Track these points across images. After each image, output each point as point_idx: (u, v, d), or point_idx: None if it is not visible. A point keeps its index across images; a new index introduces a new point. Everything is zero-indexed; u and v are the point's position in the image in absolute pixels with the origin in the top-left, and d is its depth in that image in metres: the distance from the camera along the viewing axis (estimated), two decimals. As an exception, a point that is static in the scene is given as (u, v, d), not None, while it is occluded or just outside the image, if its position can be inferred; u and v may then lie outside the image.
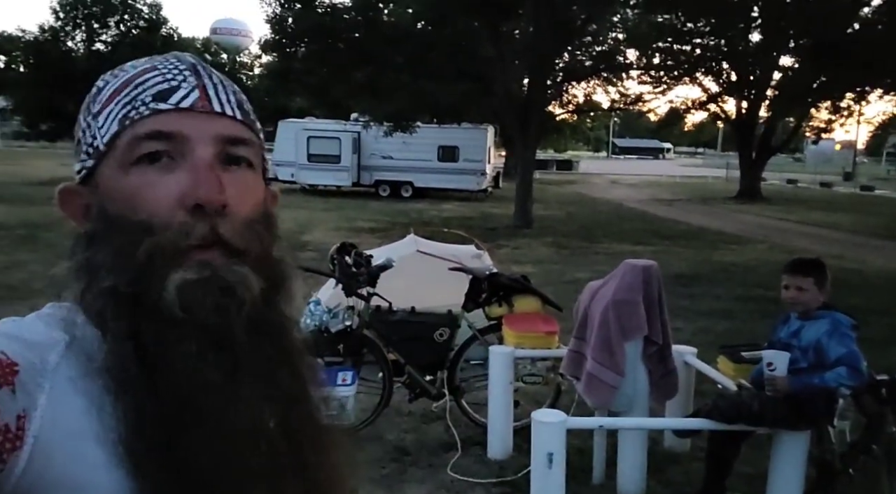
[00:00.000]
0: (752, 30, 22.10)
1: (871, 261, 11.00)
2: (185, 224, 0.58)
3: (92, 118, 0.63)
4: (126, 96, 0.62)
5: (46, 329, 0.58)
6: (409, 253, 4.92)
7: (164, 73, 0.63)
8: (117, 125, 0.61)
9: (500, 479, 3.53)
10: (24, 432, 0.52)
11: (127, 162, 0.61)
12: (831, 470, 3.01)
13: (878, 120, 31.22)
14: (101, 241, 0.60)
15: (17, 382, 0.53)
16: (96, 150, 0.62)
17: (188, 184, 0.59)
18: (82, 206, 0.64)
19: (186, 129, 0.61)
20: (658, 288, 3.27)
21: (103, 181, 0.62)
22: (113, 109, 0.62)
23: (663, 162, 72.42)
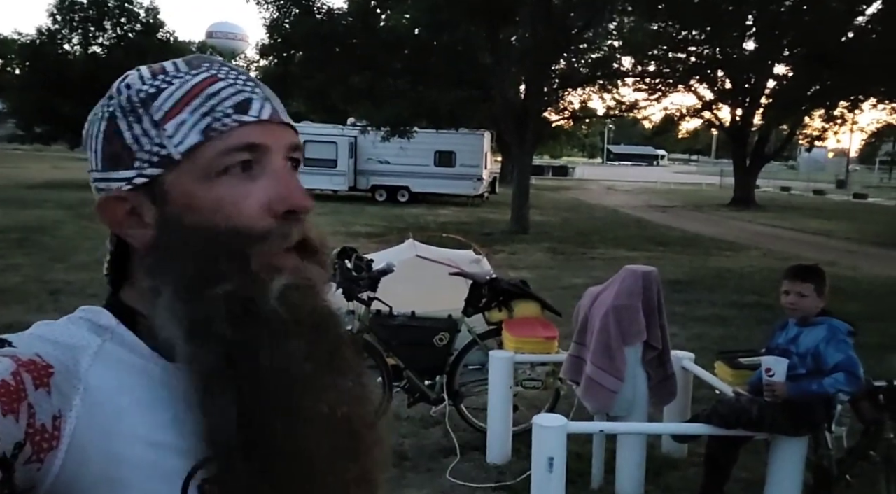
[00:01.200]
0: (747, 38, 22.24)
1: (865, 268, 11.07)
2: (281, 229, 0.62)
3: (152, 126, 0.62)
4: (203, 107, 0.62)
5: (79, 331, 0.60)
6: (409, 257, 4.94)
7: (231, 83, 0.64)
8: (199, 136, 0.61)
9: (499, 484, 3.53)
10: (60, 432, 0.53)
11: (213, 172, 0.61)
12: (829, 476, 3.03)
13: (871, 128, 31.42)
14: (181, 250, 0.61)
15: (53, 384, 0.54)
16: (166, 159, 0.61)
17: (277, 192, 0.62)
18: (126, 213, 0.63)
19: (268, 141, 0.64)
20: (657, 293, 3.30)
21: (177, 190, 0.62)
22: (187, 119, 0.61)
23: (658, 168, 72.71)
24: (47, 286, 7.55)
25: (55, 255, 9.31)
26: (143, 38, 29.11)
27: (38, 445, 0.52)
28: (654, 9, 15.96)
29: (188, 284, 0.60)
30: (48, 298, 7.02)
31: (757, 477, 3.27)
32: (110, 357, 0.59)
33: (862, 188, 37.45)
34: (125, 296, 0.66)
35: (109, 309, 0.64)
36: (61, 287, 7.48)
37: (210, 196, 0.61)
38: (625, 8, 15.98)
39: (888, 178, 53.07)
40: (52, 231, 11.73)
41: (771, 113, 23.81)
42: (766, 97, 24.33)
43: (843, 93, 20.58)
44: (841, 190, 38.32)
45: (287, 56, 16.77)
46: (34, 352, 0.55)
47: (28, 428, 0.51)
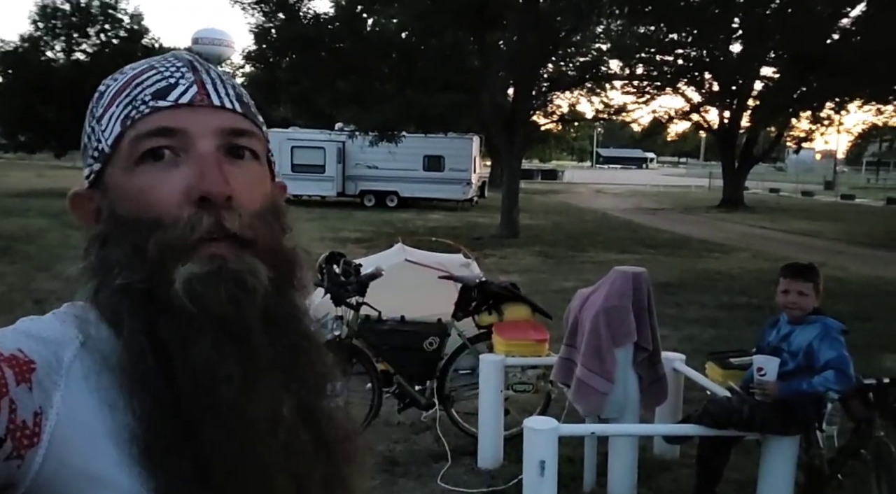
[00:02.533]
0: (734, 41, 22.43)
1: (853, 269, 11.14)
2: (192, 217, 0.58)
3: (96, 122, 0.64)
4: (126, 97, 0.62)
5: (62, 327, 0.59)
6: (398, 262, 4.91)
7: (161, 71, 0.64)
8: (119, 126, 0.62)
9: (490, 488, 3.51)
10: (41, 429, 0.53)
11: (131, 161, 0.61)
12: (820, 475, 3.02)
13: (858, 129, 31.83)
14: (112, 241, 0.61)
15: (34, 380, 0.53)
16: (102, 153, 0.63)
17: (193, 178, 0.60)
18: (93, 210, 0.65)
19: (187, 124, 0.61)
20: (647, 294, 3.29)
21: (111, 183, 0.63)
22: (115, 111, 0.63)
23: (647, 171, 73.10)
24: (32, 295, 7.46)
25: (39, 264, 9.21)
26: (128, 45, 28.97)
27: (18, 441, 0.51)
28: (641, 11, 16.05)
29: (103, 277, 0.60)
30: (33, 307, 6.94)
31: (749, 478, 3.26)
32: (93, 353, 0.58)
33: (849, 189, 37.78)
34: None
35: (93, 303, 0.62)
36: (46, 296, 7.38)
37: (130, 185, 0.61)
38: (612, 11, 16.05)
39: (875, 179, 53.60)
40: (36, 239, 11.62)
41: (758, 115, 24.03)
42: (753, 99, 24.54)
43: (829, 95, 20.80)
44: (829, 191, 38.65)
45: (273, 61, 16.72)
46: (16, 348, 0.54)
47: (9, 424, 0.51)
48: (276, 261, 0.62)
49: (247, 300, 0.58)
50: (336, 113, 19.71)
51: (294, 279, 0.65)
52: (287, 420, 0.60)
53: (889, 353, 6.12)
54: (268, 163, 0.69)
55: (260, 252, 0.61)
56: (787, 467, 2.95)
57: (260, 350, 0.59)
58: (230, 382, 0.57)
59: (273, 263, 0.62)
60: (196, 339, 0.57)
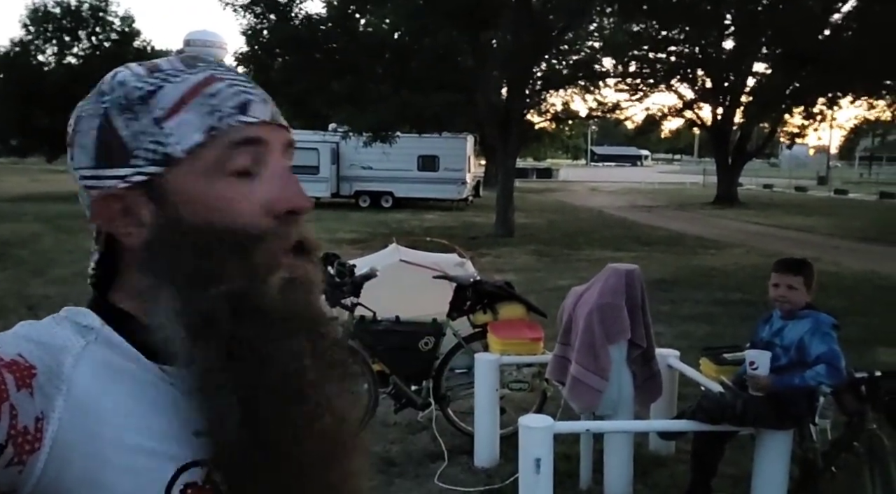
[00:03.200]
0: (726, 37, 22.52)
1: (847, 264, 11.20)
2: (281, 229, 0.63)
3: (152, 123, 0.61)
4: (203, 106, 0.62)
5: (62, 332, 0.59)
6: (393, 262, 4.91)
7: (231, 83, 0.64)
8: (202, 135, 0.61)
9: (487, 487, 3.52)
10: (43, 434, 0.53)
11: (215, 171, 0.61)
12: (814, 468, 3.04)
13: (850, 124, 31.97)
14: (182, 248, 0.60)
15: (35, 385, 0.53)
16: (167, 157, 0.61)
17: (278, 192, 0.63)
18: (119, 211, 0.62)
19: (270, 139, 0.64)
20: (641, 291, 3.30)
21: (177, 188, 0.61)
22: (190, 118, 0.61)
23: (641, 169, 73.23)
24: (26, 300, 7.44)
25: (33, 269, 9.18)
26: (119, 48, 28.87)
27: (20, 447, 0.51)
28: (633, 9, 16.10)
29: (190, 282, 0.60)
30: (27, 313, 6.91)
31: (744, 472, 3.28)
32: (95, 358, 0.58)
33: (842, 184, 37.95)
34: (113, 298, 0.65)
35: (95, 309, 0.63)
36: (40, 301, 7.37)
37: (212, 194, 0.61)
38: (603, 9, 16.10)
39: (868, 174, 53.82)
40: (29, 244, 11.58)
41: (751, 111, 24.12)
42: (746, 95, 24.62)
43: (822, 91, 20.90)
44: (822, 186, 38.80)
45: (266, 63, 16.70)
46: (17, 353, 0.54)
47: (10, 430, 0.50)
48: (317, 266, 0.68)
49: (318, 304, 0.66)
50: (330, 114, 19.69)
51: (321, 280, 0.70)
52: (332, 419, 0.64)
53: (883, 347, 6.15)
54: None
55: (315, 260, 0.67)
56: (781, 461, 2.97)
57: (337, 354, 0.65)
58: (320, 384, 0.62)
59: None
60: (288, 340, 0.61)
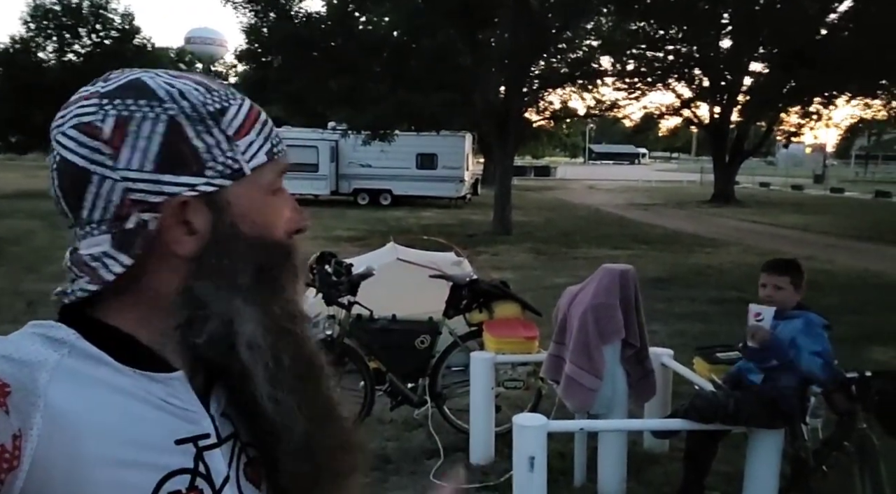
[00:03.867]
0: (723, 36, 22.51)
1: (841, 262, 11.24)
2: (296, 246, 0.71)
3: (226, 140, 0.65)
4: (263, 131, 0.69)
5: (33, 347, 0.58)
6: (390, 261, 4.94)
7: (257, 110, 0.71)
8: (265, 157, 0.68)
9: (483, 484, 3.54)
10: (21, 452, 0.52)
11: (270, 190, 0.68)
12: (805, 467, 3.07)
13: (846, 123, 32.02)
14: (241, 259, 0.65)
15: (10, 403, 0.53)
16: (238, 172, 0.65)
17: (292, 213, 0.71)
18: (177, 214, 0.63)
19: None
20: (634, 291, 3.33)
21: (240, 202, 0.66)
22: (256, 140, 0.67)
23: (639, 167, 73.29)
24: (22, 297, 7.43)
25: (29, 266, 9.18)
26: (120, 45, 28.78)
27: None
28: (630, 8, 16.10)
29: (261, 291, 0.66)
30: (23, 309, 6.92)
31: (736, 470, 3.31)
32: (70, 372, 0.57)
33: (838, 182, 38.00)
34: (98, 312, 0.64)
35: (69, 323, 0.61)
36: (36, 297, 7.35)
37: (266, 211, 0.68)
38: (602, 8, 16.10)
39: (864, 172, 53.90)
40: (25, 241, 11.58)
41: (748, 110, 24.14)
42: (743, 94, 24.64)
43: (818, 90, 20.91)
44: (818, 184, 38.87)
45: (266, 61, 16.69)
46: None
47: None
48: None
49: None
50: (329, 112, 19.69)
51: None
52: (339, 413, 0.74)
53: (877, 346, 6.20)
54: None
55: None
56: (773, 459, 3.01)
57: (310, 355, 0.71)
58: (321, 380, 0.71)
59: None
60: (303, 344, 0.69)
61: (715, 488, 3.33)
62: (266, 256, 0.66)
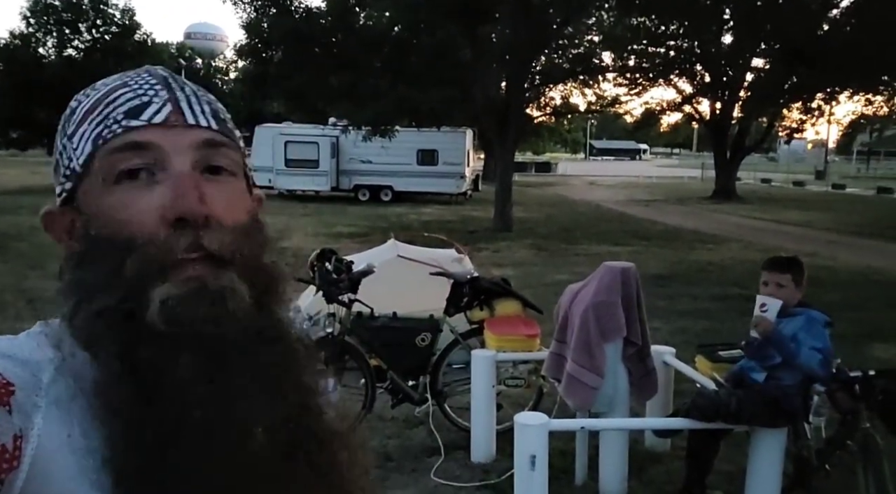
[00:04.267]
0: (725, 32, 22.45)
1: (843, 258, 11.22)
2: (168, 238, 0.58)
3: (67, 140, 0.63)
4: (98, 115, 0.62)
5: (38, 347, 0.58)
6: (390, 258, 4.93)
7: (134, 88, 0.63)
8: (91, 145, 0.61)
9: (483, 483, 3.54)
10: (22, 452, 0.52)
11: (106, 181, 0.60)
12: (808, 466, 3.06)
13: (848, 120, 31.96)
14: (87, 262, 0.60)
15: (14, 402, 0.53)
16: (73, 172, 0.62)
17: (169, 198, 0.58)
18: (66, 227, 0.64)
19: (162, 142, 0.60)
20: (636, 289, 3.31)
21: (84, 202, 0.62)
22: (86, 130, 0.62)
23: (640, 163, 73.20)
24: (25, 294, 7.44)
25: (32, 263, 9.17)
26: (120, 41, 28.76)
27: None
28: (632, 3, 16.06)
29: (78, 298, 0.59)
30: (26, 306, 6.92)
31: (738, 469, 3.30)
32: (67, 375, 0.57)
33: (840, 178, 37.91)
34: None
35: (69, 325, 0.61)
36: (39, 294, 7.37)
37: (105, 205, 0.60)
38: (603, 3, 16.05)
39: (865, 169, 53.82)
40: (28, 237, 11.55)
41: (749, 106, 24.08)
42: (744, 90, 24.56)
43: (820, 86, 20.85)
44: (820, 181, 38.78)
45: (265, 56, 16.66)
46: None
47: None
48: (256, 278, 0.61)
49: (227, 320, 0.57)
50: (329, 108, 19.67)
51: (276, 294, 0.64)
52: (271, 441, 0.59)
53: (879, 343, 6.18)
54: (245, 177, 0.68)
55: (240, 270, 0.60)
56: (776, 458, 2.99)
57: (239, 370, 0.58)
58: (203, 405, 0.55)
59: (254, 280, 0.61)
60: (173, 361, 0.55)
61: (717, 487, 3.33)
62: (107, 259, 0.58)
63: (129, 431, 0.54)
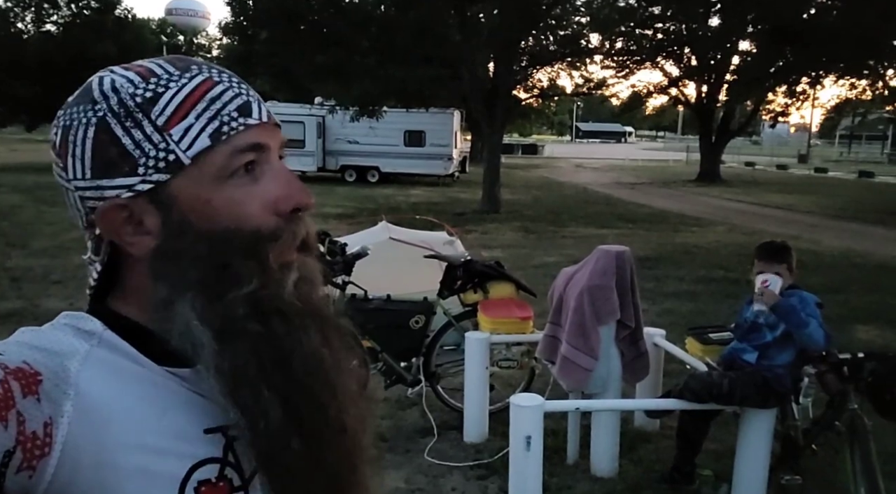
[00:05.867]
0: (712, 14, 22.44)
1: (826, 242, 11.37)
2: (290, 228, 0.65)
3: (156, 131, 0.60)
4: (208, 111, 0.61)
5: (65, 337, 0.59)
6: (383, 240, 4.91)
7: (228, 86, 0.64)
8: (208, 140, 0.61)
9: (476, 462, 3.58)
10: (53, 439, 0.53)
11: (223, 175, 0.62)
12: (796, 446, 3.13)
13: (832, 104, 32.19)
14: (197, 255, 0.61)
15: (41, 391, 0.54)
16: (174, 164, 0.60)
17: (283, 191, 0.64)
18: (124, 220, 0.62)
19: (269, 141, 0.66)
20: (630, 273, 3.35)
21: (186, 194, 0.61)
22: (194, 123, 0.61)
23: (625, 145, 73.40)
24: (8, 273, 7.35)
25: (14, 241, 9.06)
26: (100, 16, 28.12)
27: (29, 452, 0.52)
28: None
29: (209, 287, 0.61)
30: (9, 285, 6.83)
31: (727, 448, 3.37)
32: (99, 362, 0.58)
33: (822, 162, 38.35)
34: (114, 304, 0.65)
35: (95, 315, 0.62)
36: (22, 273, 7.29)
37: (221, 199, 0.62)
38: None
39: (847, 152, 54.35)
40: (9, 216, 11.40)
41: (735, 89, 24.14)
42: (730, 74, 24.65)
43: (805, 69, 20.94)
44: (803, 164, 39.18)
45: (251, 34, 16.40)
46: (22, 360, 0.54)
47: (18, 436, 0.51)
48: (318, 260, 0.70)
49: (323, 298, 0.68)
50: (315, 87, 19.44)
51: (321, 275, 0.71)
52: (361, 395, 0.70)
53: (861, 325, 6.30)
54: None
55: (315, 254, 0.69)
56: (764, 438, 3.06)
57: (342, 338, 0.68)
58: (336, 368, 0.66)
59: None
60: (306, 334, 0.63)
61: (706, 466, 3.39)
62: (226, 249, 0.61)
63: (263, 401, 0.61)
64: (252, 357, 0.60)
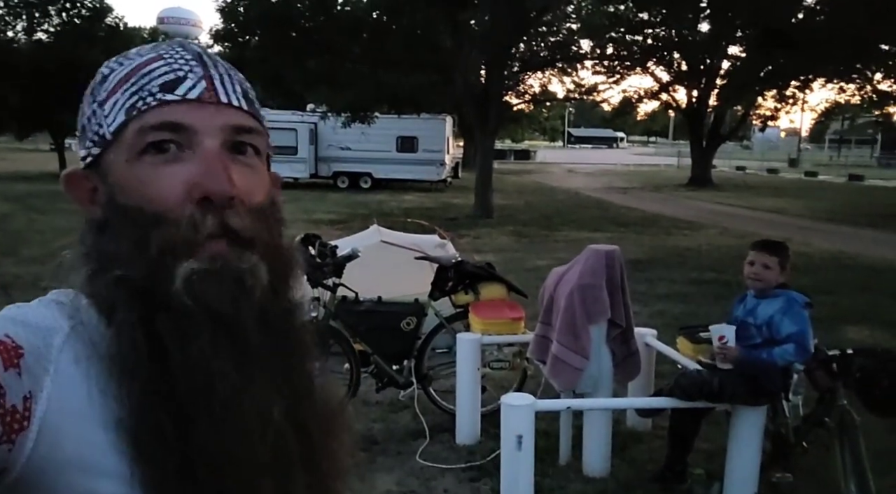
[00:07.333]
0: (701, 20, 22.61)
1: (817, 244, 11.43)
2: (194, 216, 0.59)
3: (98, 106, 0.64)
4: (133, 86, 0.62)
5: (50, 313, 0.59)
6: (374, 242, 4.91)
7: (170, 62, 0.63)
8: (124, 115, 0.61)
9: (469, 464, 3.57)
10: (31, 413, 0.53)
11: (134, 152, 0.61)
12: (786, 443, 3.14)
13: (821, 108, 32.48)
14: (111, 230, 0.61)
15: (23, 365, 0.54)
16: (102, 138, 0.63)
17: (196, 176, 0.60)
18: (89, 190, 0.65)
19: (194, 121, 0.61)
20: (620, 272, 3.35)
21: (111, 169, 0.63)
22: (119, 98, 0.62)
23: (617, 151, 73.67)
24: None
25: (4, 249, 9.00)
26: (91, 25, 28.04)
27: (8, 426, 0.51)
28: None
29: (99, 266, 0.60)
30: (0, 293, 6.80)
31: (718, 447, 3.37)
32: (82, 339, 0.58)
33: (813, 166, 38.55)
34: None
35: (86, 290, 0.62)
36: (11, 281, 7.25)
37: (130, 176, 0.61)
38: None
39: (837, 156, 54.72)
40: (1, 225, 11.34)
41: (725, 94, 24.32)
42: (720, 78, 24.82)
43: (794, 73, 21.12)
44: (793, 168, 39.40)
45: (242, 41, 16.40)
46: (3, 333, 0.54)
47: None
48: (274, 260, 0.63)
49: (245, 299, 0.59)
50: (307, 93, 19.45)
51: (290, 277, 0.66)
52: (277, 421, 0.60)
53: (851, 325, 6.33)
54: (266, 158, 0.69)
55: (260, 252, 0.61)
56: (755, 436, 3.06)
57: (256, 349, 0.59)
58: (225, 379, 0.57)
59: (272, 263, 0.62)
60: (194, 336, 0.57)
61: (697, 464, 3.39)
62: (132, 230, 0.59)
63: (144, 397, 0.56)
64: (132, 350, 0.56)
